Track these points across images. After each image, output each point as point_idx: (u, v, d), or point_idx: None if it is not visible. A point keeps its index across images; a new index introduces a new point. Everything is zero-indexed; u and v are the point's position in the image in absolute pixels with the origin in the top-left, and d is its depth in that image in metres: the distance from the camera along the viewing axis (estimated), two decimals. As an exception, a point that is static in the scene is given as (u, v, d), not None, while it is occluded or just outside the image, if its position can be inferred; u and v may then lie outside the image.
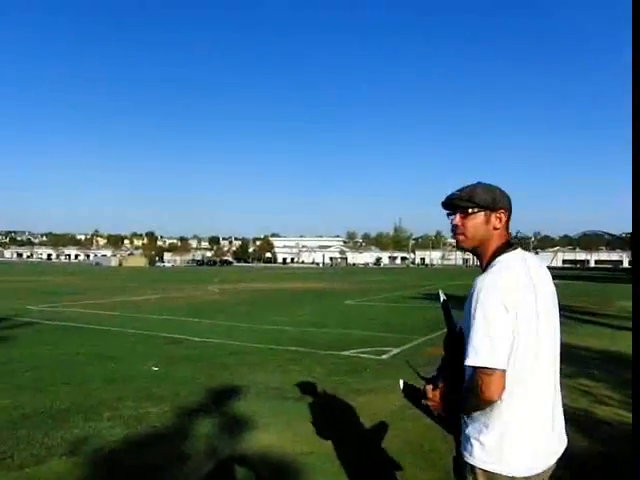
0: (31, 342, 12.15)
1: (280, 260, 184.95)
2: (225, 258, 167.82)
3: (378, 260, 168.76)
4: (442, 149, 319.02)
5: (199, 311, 19.31)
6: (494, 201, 2.26)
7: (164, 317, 17.33)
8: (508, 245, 2.27)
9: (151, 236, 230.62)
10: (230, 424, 6.20)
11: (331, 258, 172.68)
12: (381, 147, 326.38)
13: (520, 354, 2.07)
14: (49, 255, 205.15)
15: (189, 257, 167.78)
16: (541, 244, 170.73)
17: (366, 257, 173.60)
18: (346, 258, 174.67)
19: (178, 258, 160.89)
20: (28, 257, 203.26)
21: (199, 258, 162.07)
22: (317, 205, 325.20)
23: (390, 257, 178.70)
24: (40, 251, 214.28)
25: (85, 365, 9.63)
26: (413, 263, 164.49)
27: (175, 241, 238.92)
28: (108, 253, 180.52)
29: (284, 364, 9.59)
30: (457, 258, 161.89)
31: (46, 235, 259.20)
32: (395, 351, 11.03)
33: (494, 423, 2.12)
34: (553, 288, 2.31)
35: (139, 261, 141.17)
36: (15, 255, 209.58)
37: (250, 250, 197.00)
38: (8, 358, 10.11)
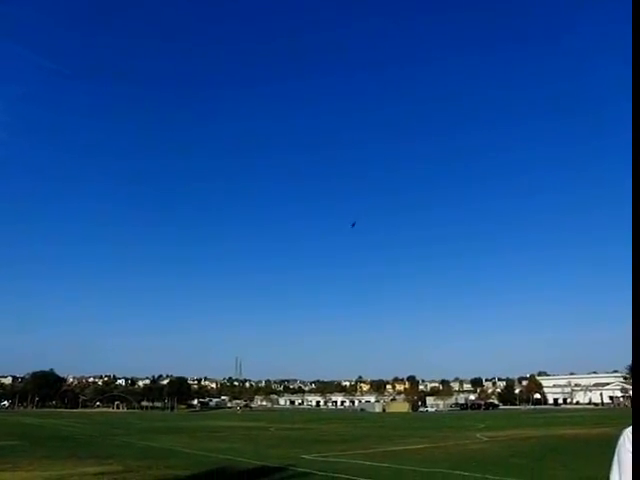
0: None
1: (551, 401, 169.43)
2: (490, 401, 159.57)
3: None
4: None
5: (468, 463, 18.02)
6: None
7: (431, 469, 16.49)
8: None
9: (412, 380, 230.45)
10: None
11: (611, 397, 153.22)
12: None
13: None
14: (317, 402, 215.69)
15: (452, 401, 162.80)
16: None
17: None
18: (629, 397, 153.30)
19: (440, 402, 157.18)
20: (299, 404, 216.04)
21: (462, 402, 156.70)
22: (588, 338, 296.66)
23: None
24: (310, 398, 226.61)
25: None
26: None
27: (436, 384, 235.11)
28: (372, 399, 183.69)
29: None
30: None
31: (315, 382, 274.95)
32: None
33: None
34: None
35: (402, 406, 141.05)
36: (288, 402, 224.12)
37: (516, 391, 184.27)
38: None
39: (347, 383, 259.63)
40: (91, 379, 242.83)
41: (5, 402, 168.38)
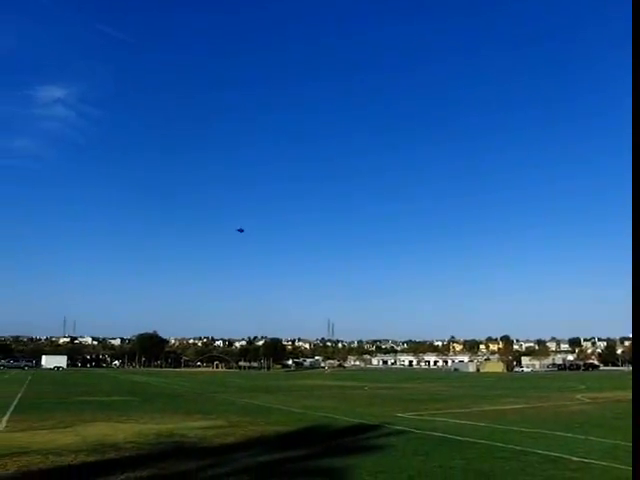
0: (404, 452, 12.46)
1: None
2: (590, 362, 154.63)
3: None
4: None
5: (569, 424, 17.61)
6: None
7: (531, 430, 16.20)
8: None
9: (506, 340, 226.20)
10: None
11: None
12: None
13: None
14: (410, 362, 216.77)
15: (548, 361, 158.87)
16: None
17: None
18: None
19: (537, 362, 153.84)
20: (392, 364, 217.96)
21: (559, 362, 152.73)
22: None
23: None
24: (402, 358, 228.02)
25: (458, 481, 9.40)
26: None
27: (532, 344, 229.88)
28: (465, 359, 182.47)
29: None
30: None
31: (407, 343, 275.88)
32: None
33: None
34: None
35: (496, 366, 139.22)
36: (381, 362, 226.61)
37: (618, 352, 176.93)
38: (384, 467, 10.49)
39: (439, 343, 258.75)
40: (191, 340, 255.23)
41: (116, 362, 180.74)
